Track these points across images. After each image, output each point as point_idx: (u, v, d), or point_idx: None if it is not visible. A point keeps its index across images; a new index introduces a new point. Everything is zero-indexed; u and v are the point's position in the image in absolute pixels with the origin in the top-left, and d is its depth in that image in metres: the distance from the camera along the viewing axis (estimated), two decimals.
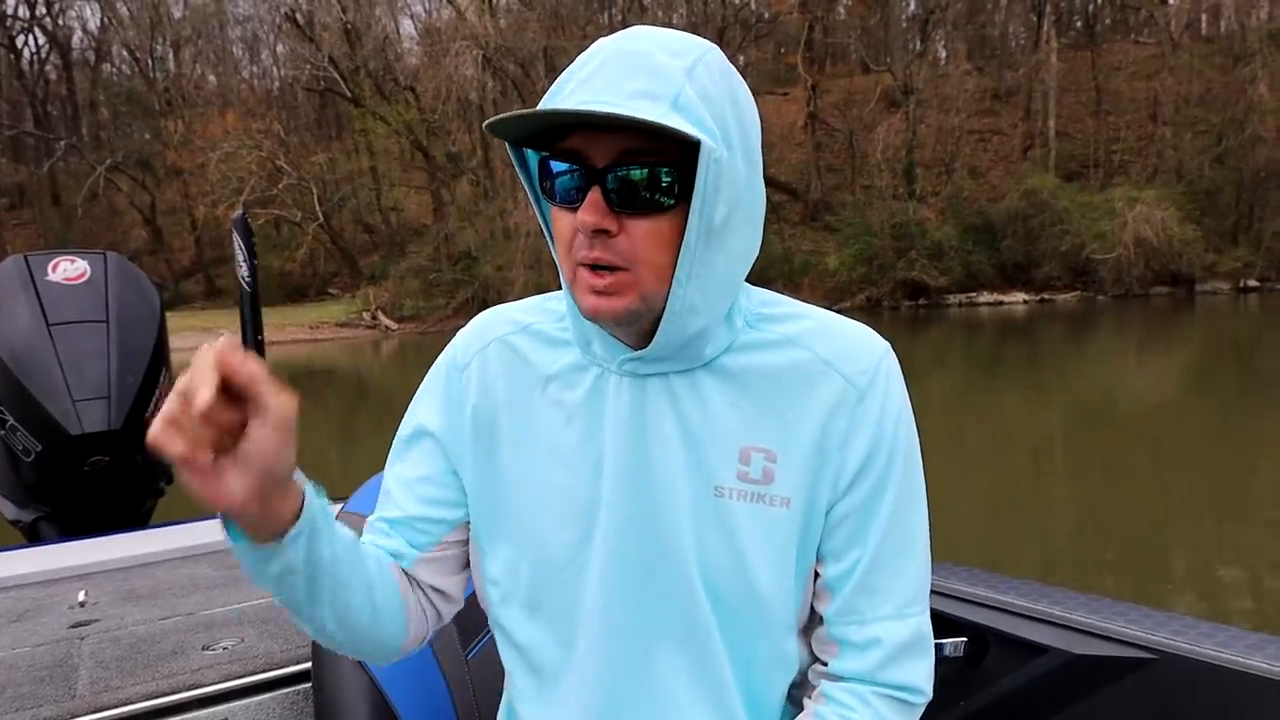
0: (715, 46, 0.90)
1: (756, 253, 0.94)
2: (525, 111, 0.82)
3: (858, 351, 0.96)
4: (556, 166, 0.88)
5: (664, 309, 0.88)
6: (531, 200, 0.95)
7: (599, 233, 0.84)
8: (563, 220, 0.89)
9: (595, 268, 0.86)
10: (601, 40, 0.89)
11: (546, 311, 1.04)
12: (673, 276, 0.86)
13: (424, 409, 1.05)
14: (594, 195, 0.84)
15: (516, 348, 1.02)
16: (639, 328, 0.91)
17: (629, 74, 0.83)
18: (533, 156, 0.93)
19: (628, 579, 0.94)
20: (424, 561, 1.02)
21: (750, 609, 0.94)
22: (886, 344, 0.98)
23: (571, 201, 0.87)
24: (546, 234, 0.94)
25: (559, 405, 0.98)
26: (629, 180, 0.84)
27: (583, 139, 0.85)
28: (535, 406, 0.99)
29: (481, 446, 1.01)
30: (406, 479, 1.04)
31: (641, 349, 0.93)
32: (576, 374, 0.98)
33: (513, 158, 0.93)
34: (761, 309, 0.99)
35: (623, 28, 0.92)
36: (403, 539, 1.02)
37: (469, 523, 1.03)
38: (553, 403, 0.98)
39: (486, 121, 0.85)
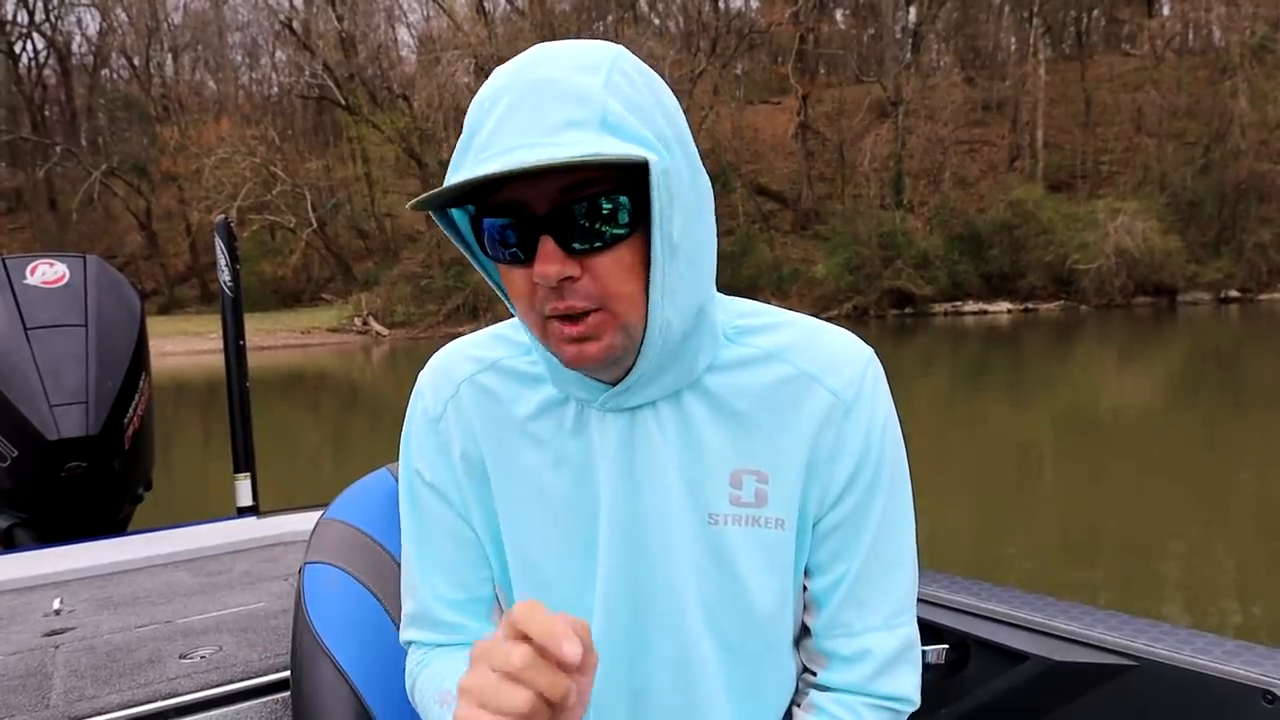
0: (621, 48, 0.83)
1: (715, 244, 0.89)
2: (451, 186, 0.75)
3: (842, 362, 0.92)
4: (496, 223, 0.80)
5: (644, 335, 0.83)
6: (473, 263, 0.88)
7: (564, 281, 0.78)
8: (517, 276, 0.82)
9: (567, 317, 0.80)
10: (501, 70, 0.81)
11: (510, 344, 0.97)
12: (647, 301, 0.81)
13: (422, 466, 1.00)
14: (546, 245, 0.77)
15: (489, 388, 0.96)
16: (624, 365, 0.86)
17: (546, 105, 0.75)
18: (461, 216, 0.87)
19: (625, 616, 0.92)
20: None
21: (752, 636, 0.92)
22: (870, 351, 0.95)
23: (521, 257, 0.80)
24: (498, 291, 0.88)
25: (542, 448, 0.93)
26: (578, 220, 0.77)
27: (517, 187, 0.78)
28: (517, 451, 0.94)
29: (476, 492, 0.97)
30: (449, 566, 0.99)
31: (618, 380, 0.88)
32: (556, 410, 0.93)
33: (441, 225, 0.85)
34: (740, 320, 0.94)
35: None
36: (474, 624, 1.00)
37: None
38: (535, 445, 0.93)
39: (410, 203, 0.79)
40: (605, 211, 0.78)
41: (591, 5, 42.70)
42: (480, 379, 0.97)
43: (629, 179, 0.78)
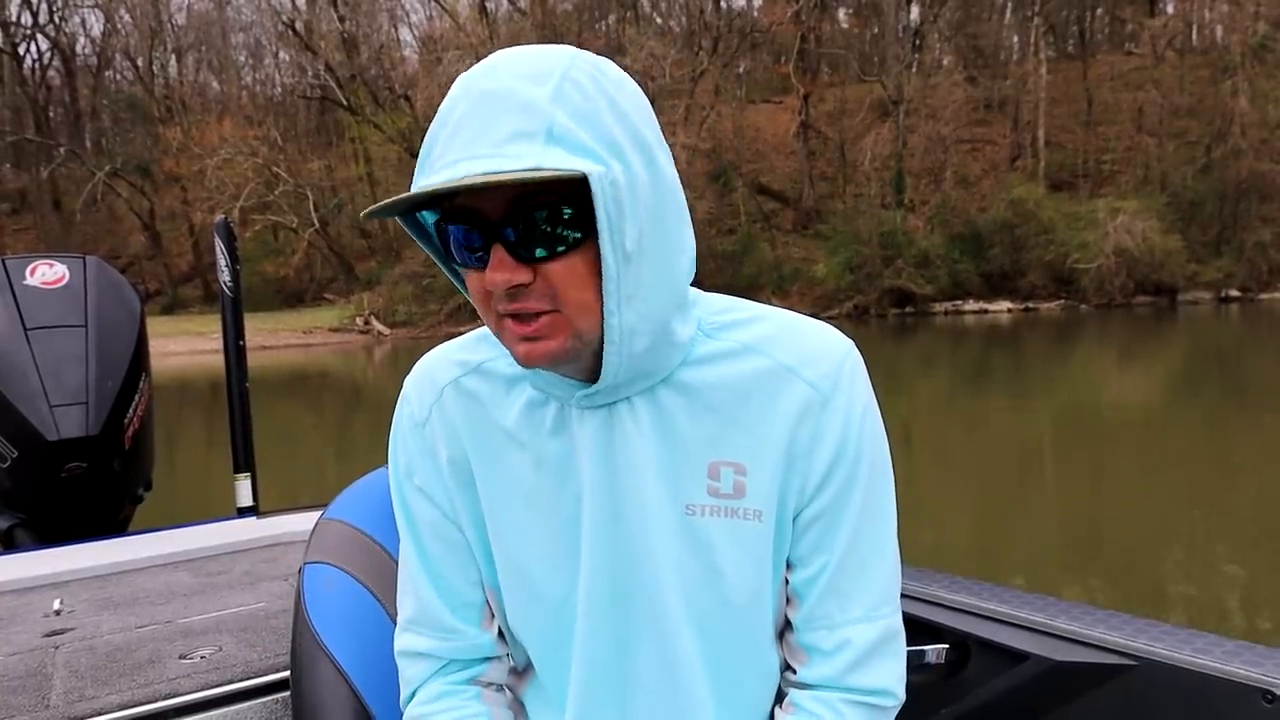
0: (579, 52, 0.83)
1: (690, 246, 0.89)
2: (398, 198, 0.79)
3: (819, 354, 0.92)
4: (454, 230, 0.82)
5: (601, 339, 0.83)
6: (440, 266, 0.90)
7: (516, 287, 0.80)
8: (475, 279, 0.83)
9: (519, 316, 0.82)
10: (461, 78, 0.82)
11: (494, 345, 0.97)
12: (601, 307, 0.81)
13: (409, 470, 1.02)
14: (498, 253, 0.79)
15: (472, 392, 0.98)
16: (582, 363, 0.87)
17: (494, 118, 0.77)
18: (433, 217, 0.88)
19: (608, 613, 0.93)
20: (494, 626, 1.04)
21: (732, 627, 0.93)
22: (849, 343, 0.95)
23: (477, 262, 0.82)
24: (463, 292, 0.89)
25: (524, 449, 0.94)
26: (529, 229, 0.79)
27: (472, 196, 0.80)
28: (501, 453, 0.96)
29: (463, 495, 0.99)
30: (440, 569, 1.02)
31: (592, 381, 0.88)
32: (537, 411, 0.94)
33: (407, 230, 0.88)
34: (717, 317, 0.95)
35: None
36: (469, 629, 1.03)
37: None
38: (518, 447, 0.95)
39: (364, 211, 0.82)
40: (553, 221, 0.79)
41: (593, 4, 42.68)
42: (464, 382, 0.99)
43: (581, 187, 0.78)
